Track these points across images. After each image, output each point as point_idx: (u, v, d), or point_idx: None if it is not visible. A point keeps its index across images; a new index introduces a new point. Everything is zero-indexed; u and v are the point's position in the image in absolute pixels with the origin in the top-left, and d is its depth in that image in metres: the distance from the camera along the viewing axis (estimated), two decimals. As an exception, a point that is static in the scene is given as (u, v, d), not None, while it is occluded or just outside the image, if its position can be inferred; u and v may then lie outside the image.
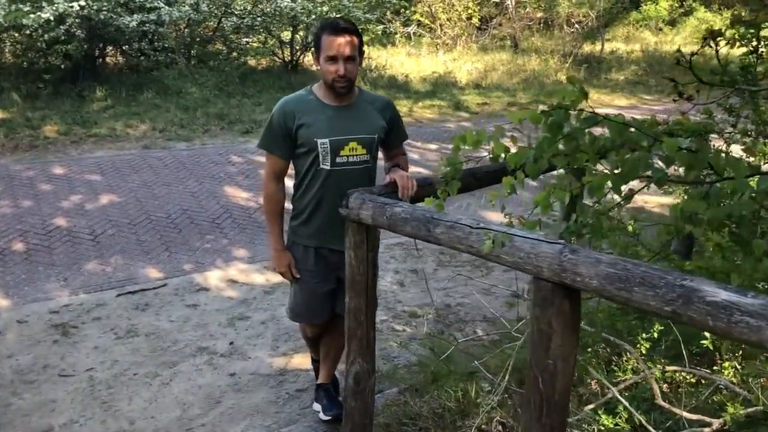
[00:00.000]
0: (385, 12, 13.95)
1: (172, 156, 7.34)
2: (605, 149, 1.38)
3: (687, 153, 1.34)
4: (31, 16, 8.13)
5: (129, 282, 4.60)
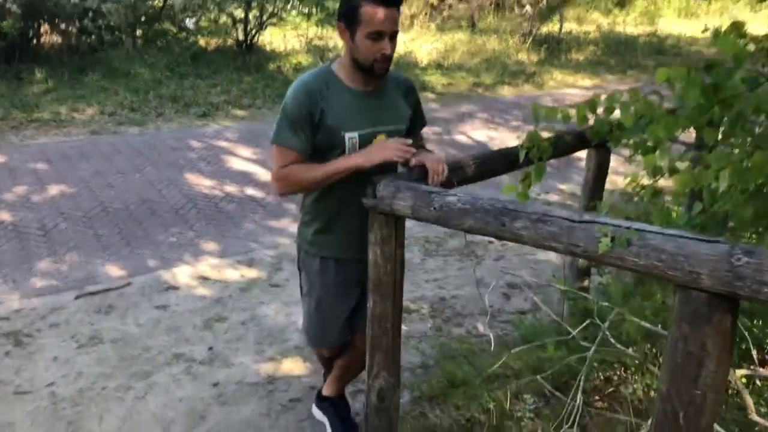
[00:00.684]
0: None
1: (124, 141, 6.80)
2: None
3: None
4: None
5: (88, 282, 4.13)
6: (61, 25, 9.82)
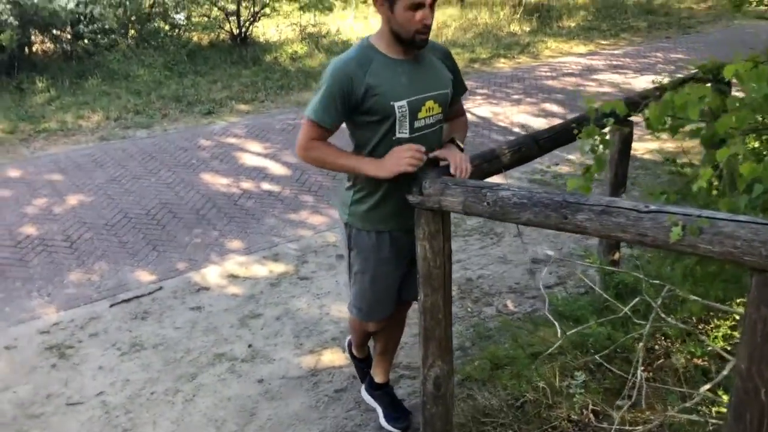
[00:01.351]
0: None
1: (134, 146, 6.83)
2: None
3: None
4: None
5: (120, 289, 4.21)
6: (54, 32, 9.79)
